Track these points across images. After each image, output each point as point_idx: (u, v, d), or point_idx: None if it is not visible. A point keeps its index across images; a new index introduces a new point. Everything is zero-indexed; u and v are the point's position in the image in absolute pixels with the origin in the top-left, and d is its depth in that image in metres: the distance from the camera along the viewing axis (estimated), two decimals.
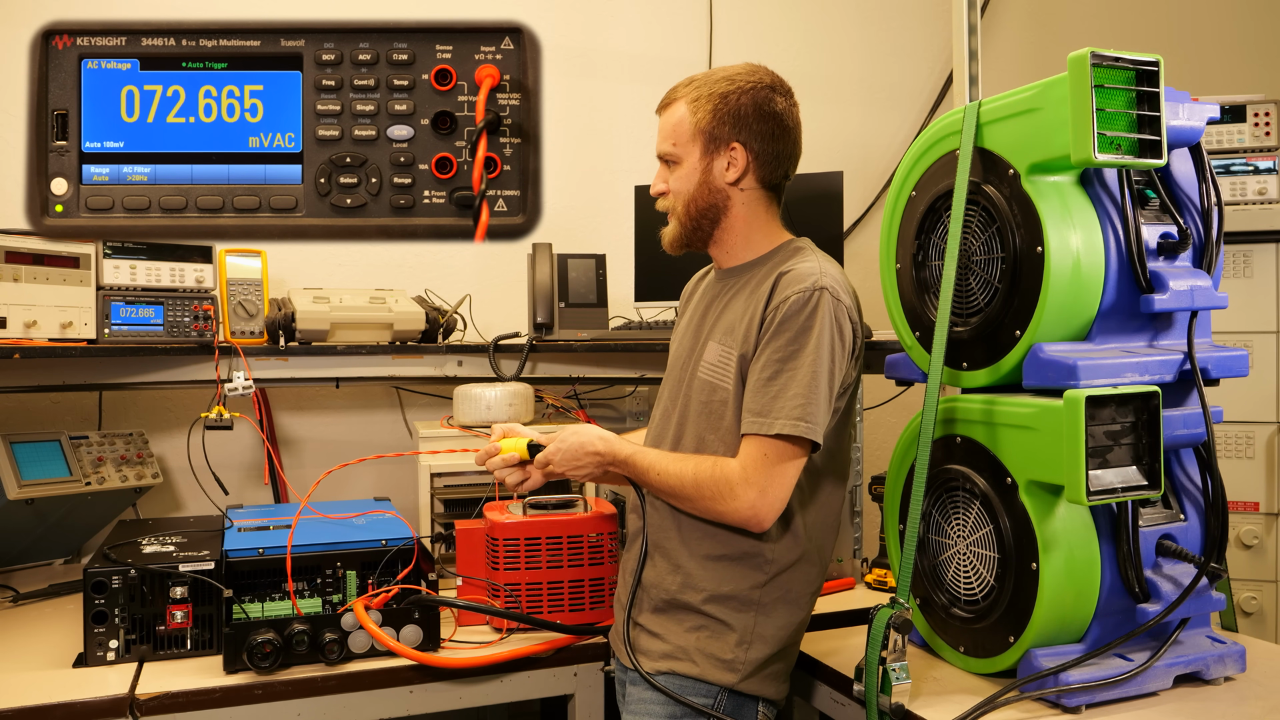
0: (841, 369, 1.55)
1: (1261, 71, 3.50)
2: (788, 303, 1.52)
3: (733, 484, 1.50)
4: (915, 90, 3.31)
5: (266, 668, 1.63)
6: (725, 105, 1.60)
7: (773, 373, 1.52)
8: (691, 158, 1.63)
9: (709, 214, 1.65)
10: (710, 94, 1.61)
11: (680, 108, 1.64)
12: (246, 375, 2.21)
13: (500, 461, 1.68)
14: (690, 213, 1.65)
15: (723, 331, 1.63)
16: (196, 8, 2.58)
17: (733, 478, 1.50)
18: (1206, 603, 1.52)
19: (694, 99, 1.62)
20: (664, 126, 1.67)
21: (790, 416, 1.48)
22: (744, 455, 1.52)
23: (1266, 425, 2.59)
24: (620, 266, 2.72)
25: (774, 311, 1.54)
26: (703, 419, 1.62)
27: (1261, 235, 2.59)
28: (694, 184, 1.63)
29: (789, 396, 1.49)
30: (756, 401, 1.52)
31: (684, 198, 1.65)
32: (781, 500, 1.52)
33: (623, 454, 1.61)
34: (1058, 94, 1.43)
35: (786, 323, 1.52)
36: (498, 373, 2.40)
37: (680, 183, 1.64)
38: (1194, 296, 1.51)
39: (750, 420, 1.52)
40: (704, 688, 1.57)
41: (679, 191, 1.65)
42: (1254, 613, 2.61)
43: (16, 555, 2.26)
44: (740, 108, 1.60)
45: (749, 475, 1.50)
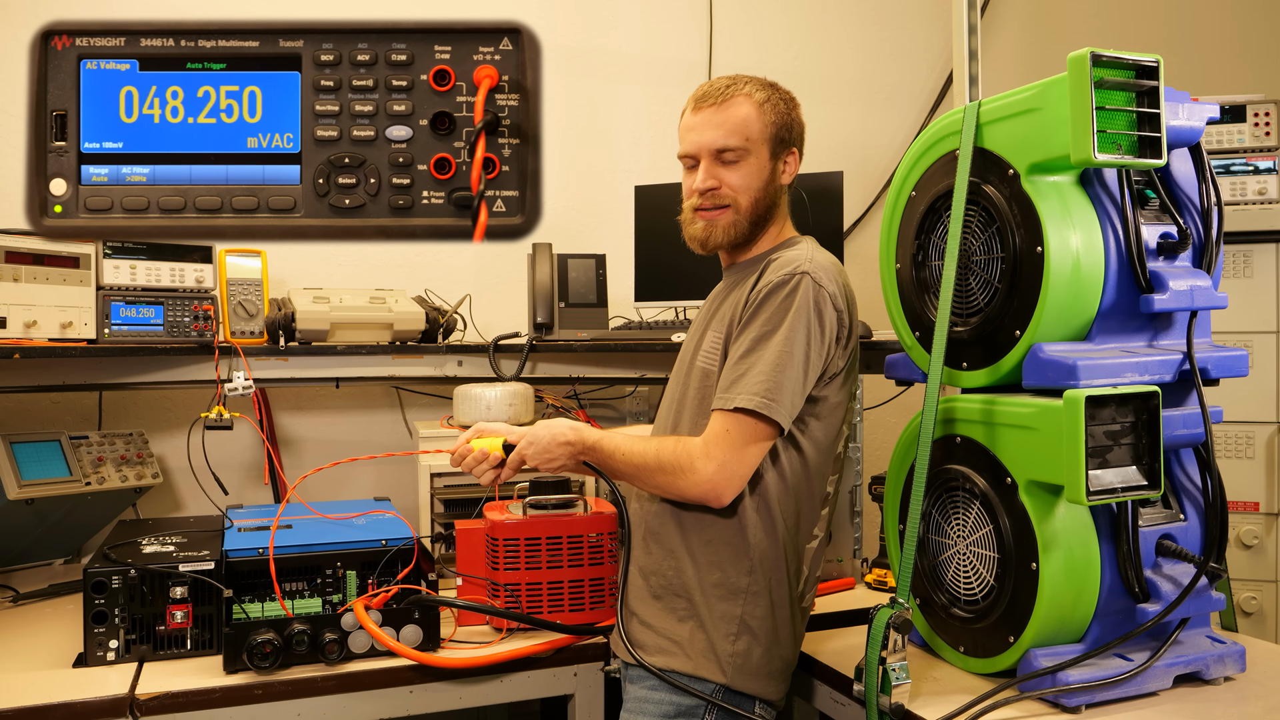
0: (819, 354, 1.56)
1: (1261, 71, 3.49)
2: (769, 284, 1.56)
3: (693, 458, 1.53)
4: (915, 90, 3.31)
5: (266, 668, 1.63)
6: (788, 110, 1.69)
7: (744, 351, 1.54)
8: (761, 156, 1.66)
9: (768, 213, 1.69)
10: (775, 99, 1.68)
11: (746, 105, 1.65)
12: (246, 375, 2.21)
13: (473, 460, 1.69)
14: (757, 210, 1.68)
15: (720, 320, 1.66)
16: (195, 8, 2.58)
17: (693, 452, 1.53)
18: (1206, 603, 1.52)
19: (762, 101, 1.66)
20: (728, 121, 1.65)
21: (751, 392, 1.50)
22: (707, 430, 1.55)
23: (1266, 425, 2.59)
24: (620, 266, 2.72)
25: (756, 293, 1.58)
26: (696, 404, 1.65)
27: (1261, 235, 2.59)
28: (762, 181, 1.67)
29: (754, 374, 1.51)
30: (725, 378, 1.55)
31: (752, 194, 1.67)
32: (741, 477, 1.53)
33: (590, 440, 1.63)
34: (1057, 94, 1.43)
35: (764, 303, 1.55)
36: (498, 373, 2.40)
37: (748, 179, 1.66)
38: (1194, 296, 1.51)
39: (717, 397, 1.55)
40: (698, 685, 1.58)
41: (746, 187, 1.66)
42: (1254, 613, 2.60)
43: (16, 555, 2.26)
44: (796, 116, 1.71)
45: (709, 450, 1.52)
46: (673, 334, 2.32)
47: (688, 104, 1.71)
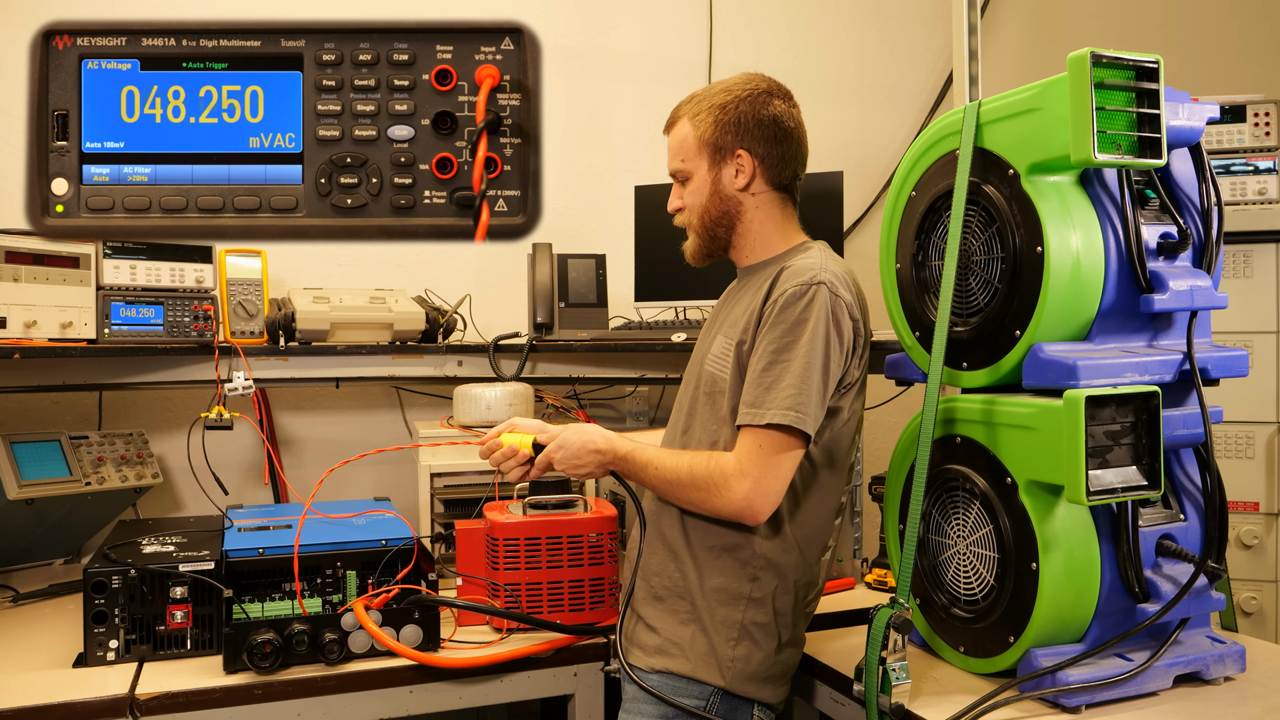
0: (838, 364, 1.55)
1: (1261, 71, 3.50)
2: (785, 295, 1.54)
3: (727, 476, 1.51)
4: (915, 90, 3.31)
5: (266, 668, 1.63)
6: (725, 115, 1.64)
7: (766, 364, 1.53)
8: (700, 171, 1.67)
9: (723, 222, 1.68)
10: (710, 106, 1.65)
11: (684, 125, 1.68)
12: (246, 375, 2.21)
13: (502, 455, 1.68)
14: (705, 223, 1.69)
15: (728, 325, 1.66)
16: (196, 8, 2.58)
17: (727, 469, 1.52)
18: (1206, 603, 1.52)
19: (694, 114, 1.66)
20: (671, 145, 1.71)
21: (782, 406, 1.49)
22: (739, 448, 1.53)
23: (1266, 425, 2.59)
24: (620, 266, 2.72)
25: (772, 304, 1.56)
26: (706, 409, 1.65)
27: (1261, 235, 2.59)
28: (706, 195, 1.67)
29: (781, 387, 1.50)
30: (750, 393, 1.54)
31: (698, 210, 1.68)
32: (777, 493, 1.52)
33: (622, 450, 1.63)
34: (1057, 94, 1.43)
35: (782, 315, 1.54)
36: (498, 373, 2.40)
37: (693, 196, 1.68)
38: (1194, 296, 1.51)
39: (744, 412, 1.53)
40: (696, 688, 1.58)
41: (693, 205, 1.69)
42: (1254, 613, 2.61)
43: (16, 555, 2.26)
44: (740, 115, 1.64)
45: (743, 466, 1.51)
46: (673, 334, 2.32)
47: None
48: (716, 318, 1.75)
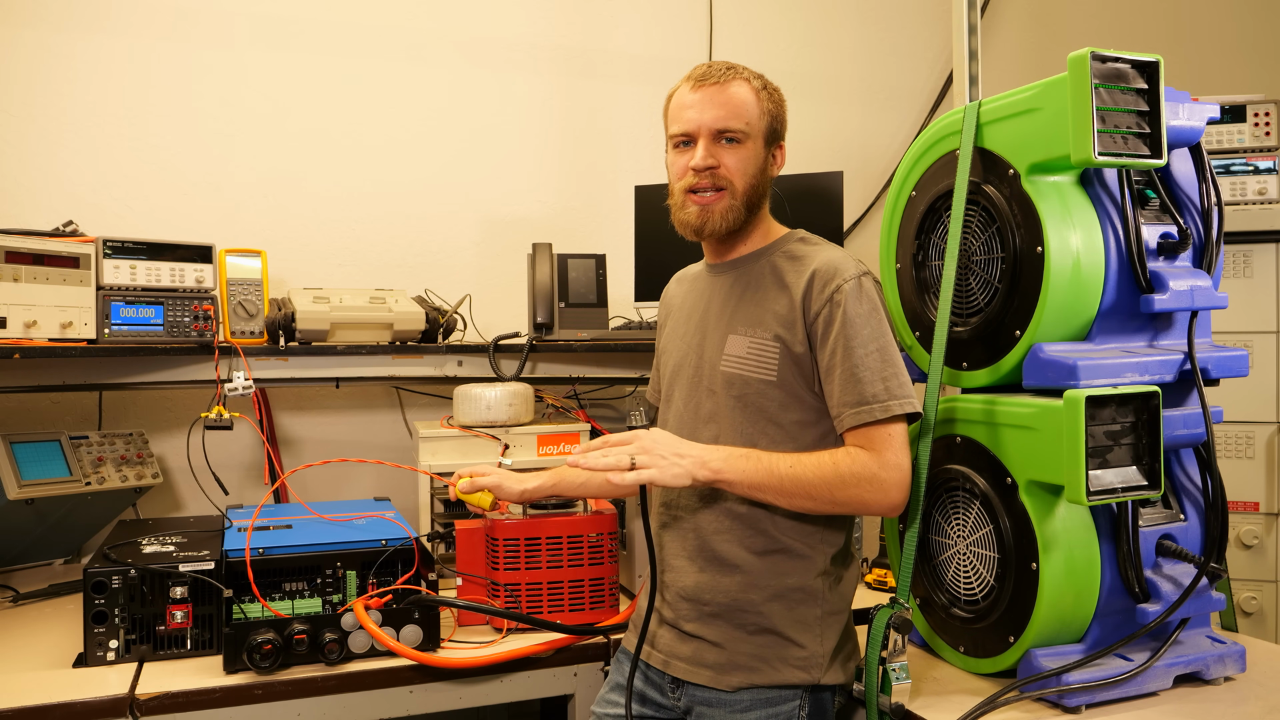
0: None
1: (1261, 71, 3.50)
2: (842, 293, 1.50)
3: (873, 469, 1.47)
4: (915, 90, 3.31)
5: (266, 668, 1.63)
6: (777, 104, 1.63)
7: (859, 359, 1.49)
8: (757, 142, 1.60)
9: (758, 203, 1.63)
10: (767, 87, 1.62)
11: (746, 90, 1.59)
12: (246, 375, 2.21)
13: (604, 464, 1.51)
14: (750, 196, 1.60)
15: (747, 324, 1.59)
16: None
17: (870, 464, 1.47)
18: (1206, 603, 1.52)
19: (760, 88, 1.61)
20: (728, 102, 1.58)
21: (899, 396, 1.48)
22: (873, 442, 1.48)
23: (1266, 425, 2.59)
24: (620, 266, 2.72)
25: (827, 304, 1.51)
26: (739, 413, 1.57)
27: (1261, 235, 2.59)
28: (758, 168, 1.61)
29: (889, 377, 1.49)
30: (852, 390, 1.49)
31: (748, 179, 1.60)
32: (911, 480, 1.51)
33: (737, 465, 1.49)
34: (1058, 94, 1.43)
35: (851, 312, 1.50)
36: (498, 373, 2.40)
37: (745, 163, 1.59)
38: (1194, 296, 1.51)
39: (860, 409, 1.48)
40: (787, 693, 1.53)
41: (743, 171, 1.59)
42: (1254, 613, 2.61)
43: (16, 555, 2.26)
44: (783, 110, 1.65)
45: (885, 458, 1.47)
46: None
47: (682, 84, 1.63)
48: (707, 315, 1.66)
